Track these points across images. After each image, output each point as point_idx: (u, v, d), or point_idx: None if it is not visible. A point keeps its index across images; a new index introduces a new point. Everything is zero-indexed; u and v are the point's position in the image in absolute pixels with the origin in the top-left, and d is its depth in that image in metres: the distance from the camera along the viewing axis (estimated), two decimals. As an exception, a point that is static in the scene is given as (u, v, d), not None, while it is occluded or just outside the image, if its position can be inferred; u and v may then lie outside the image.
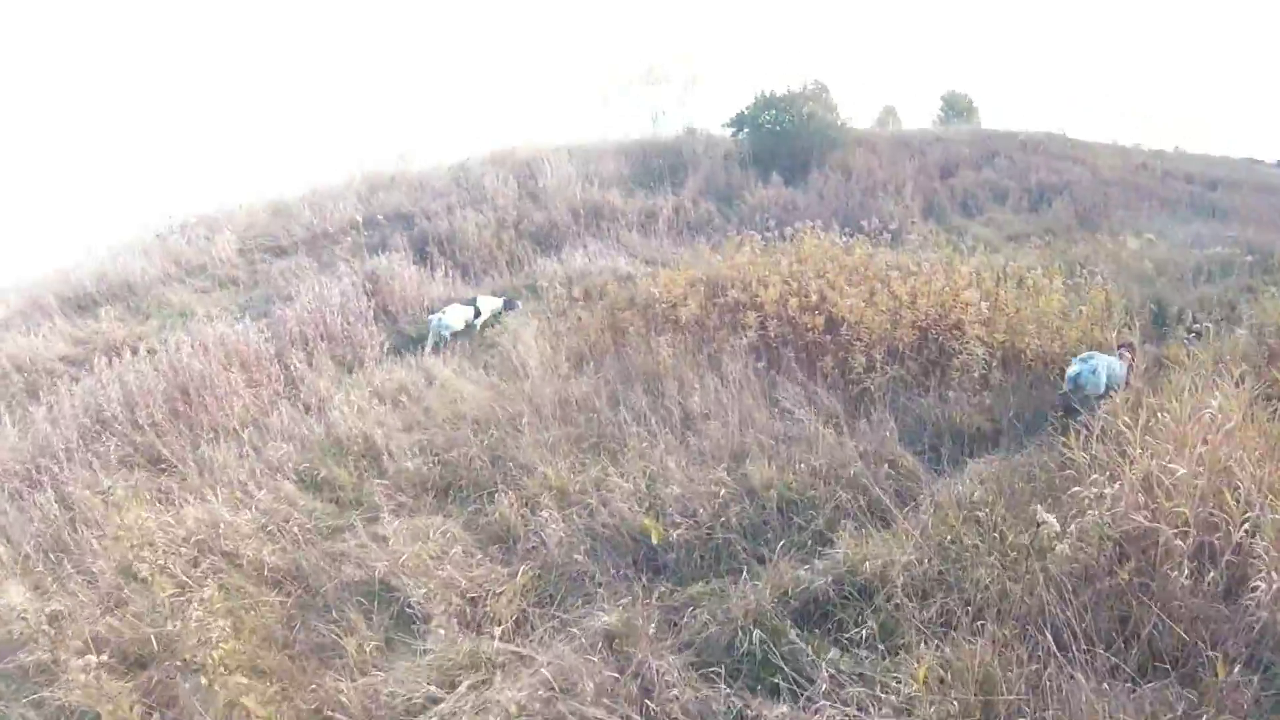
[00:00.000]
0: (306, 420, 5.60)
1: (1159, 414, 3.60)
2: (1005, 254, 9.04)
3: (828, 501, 4.07)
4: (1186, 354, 5.17)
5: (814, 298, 5.81)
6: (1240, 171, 14.42)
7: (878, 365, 5.14)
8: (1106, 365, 4.46)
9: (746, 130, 15.04)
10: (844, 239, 7.55)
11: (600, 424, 5.14)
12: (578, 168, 12.58)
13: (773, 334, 5.73)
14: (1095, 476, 3.35)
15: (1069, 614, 2.86)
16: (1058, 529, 3.05)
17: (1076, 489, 3.38)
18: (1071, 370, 4.47)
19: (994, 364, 4.97)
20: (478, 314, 7.51)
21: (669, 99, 18.61)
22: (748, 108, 15.40)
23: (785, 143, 13.91)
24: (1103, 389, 4.36)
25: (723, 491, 4.10)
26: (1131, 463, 3.35)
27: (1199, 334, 5.31)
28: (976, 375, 4.87)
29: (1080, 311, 5.19)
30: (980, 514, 3.59)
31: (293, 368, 6.45)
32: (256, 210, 11.81)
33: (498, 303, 7.79)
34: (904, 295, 5.56)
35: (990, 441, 4.64)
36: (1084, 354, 4.60)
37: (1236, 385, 3.81)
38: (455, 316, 7.31)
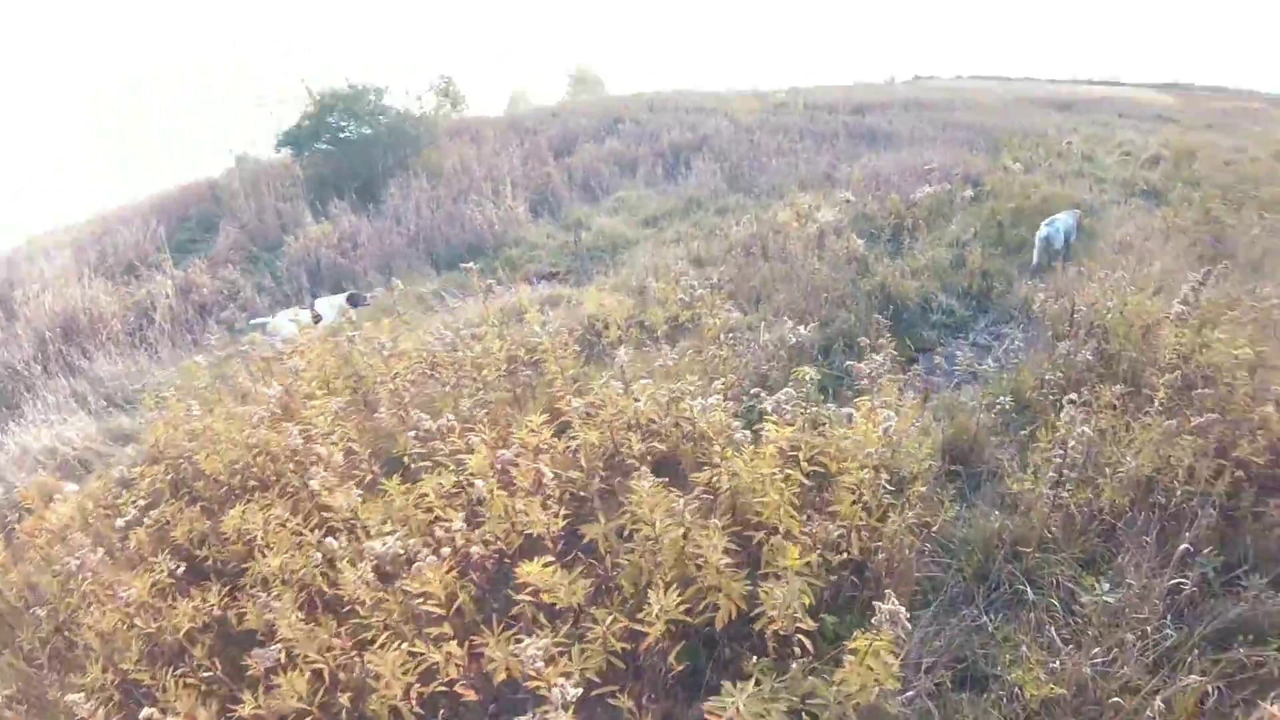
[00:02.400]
0: None
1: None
2: (646, 260, 6.14)
3: None
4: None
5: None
6: (866, 93, 13.81)
7: None
8: (1064, 225, 5.67)
9: (323, 144, 11.04)
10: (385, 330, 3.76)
11: None
12: (85, 250, 9.02)
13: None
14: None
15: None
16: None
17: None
18: (1041, 233, 5.56)
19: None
20: (317, 319, 6.02)
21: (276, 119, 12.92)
22: (307, 115, 11.16)
23: (356, 153, 10.38)
24: (1062, 245, 5.61)
25: None
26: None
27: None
28: None
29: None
30: None
31: None
32: None
33: (340, 300, 6.34)
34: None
35: None
36: (1048, 219, 5.70)
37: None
38: (285, 325, 5.67)
